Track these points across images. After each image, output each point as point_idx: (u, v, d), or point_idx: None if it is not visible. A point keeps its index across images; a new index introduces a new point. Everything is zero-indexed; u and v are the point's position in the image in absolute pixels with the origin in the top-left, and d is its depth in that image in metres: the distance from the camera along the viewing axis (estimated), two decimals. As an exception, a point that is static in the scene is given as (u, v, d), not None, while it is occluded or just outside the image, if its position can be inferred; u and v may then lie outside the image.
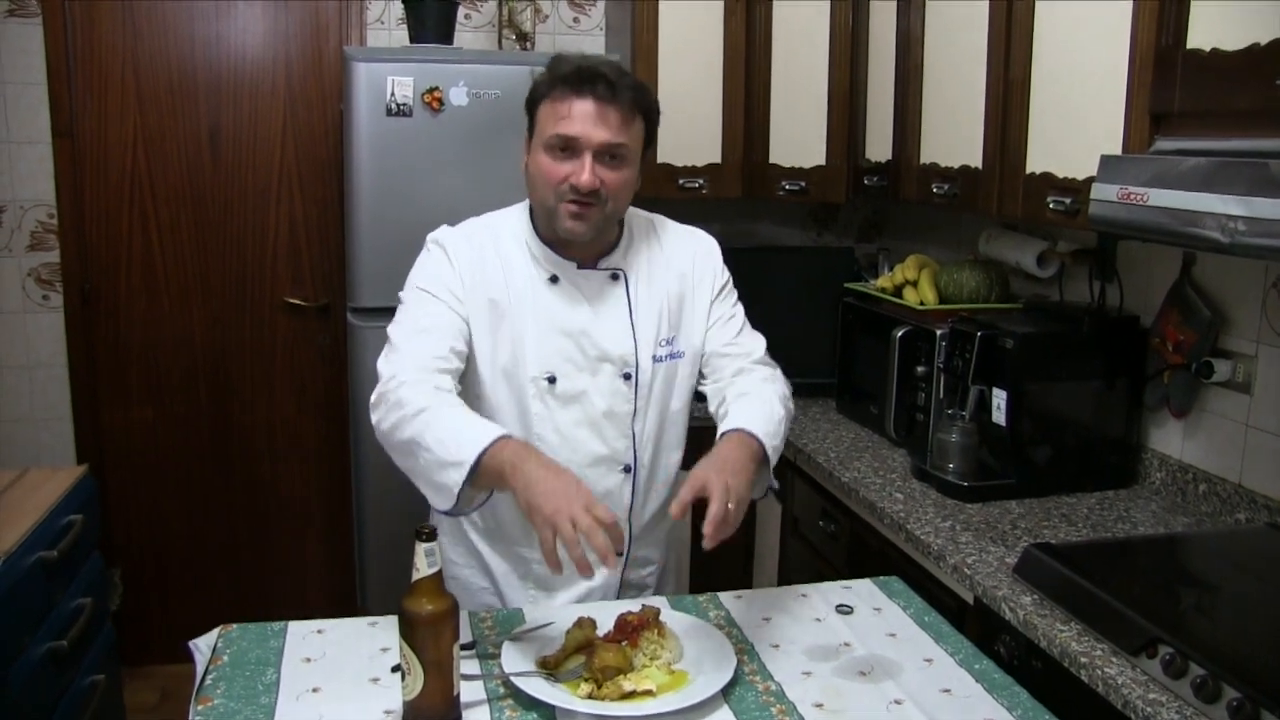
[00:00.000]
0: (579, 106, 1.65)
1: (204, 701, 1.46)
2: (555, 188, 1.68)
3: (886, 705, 1.48)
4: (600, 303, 1.78)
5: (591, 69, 1.66)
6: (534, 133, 1.73)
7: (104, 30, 3.16)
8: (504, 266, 1.78)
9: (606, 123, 1.66)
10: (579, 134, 1.65)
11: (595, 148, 1.66)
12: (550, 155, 1.68)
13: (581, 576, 1.49)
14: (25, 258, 3.22)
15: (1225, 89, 1.60)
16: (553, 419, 1.77)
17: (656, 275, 1.83)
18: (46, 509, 2.25)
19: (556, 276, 1.77)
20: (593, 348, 1.76)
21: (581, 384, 1.77)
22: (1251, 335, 2.06)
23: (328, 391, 3.44)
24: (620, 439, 1.81)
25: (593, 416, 1.78)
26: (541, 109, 1.70)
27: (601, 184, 1.67)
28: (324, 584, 3.55)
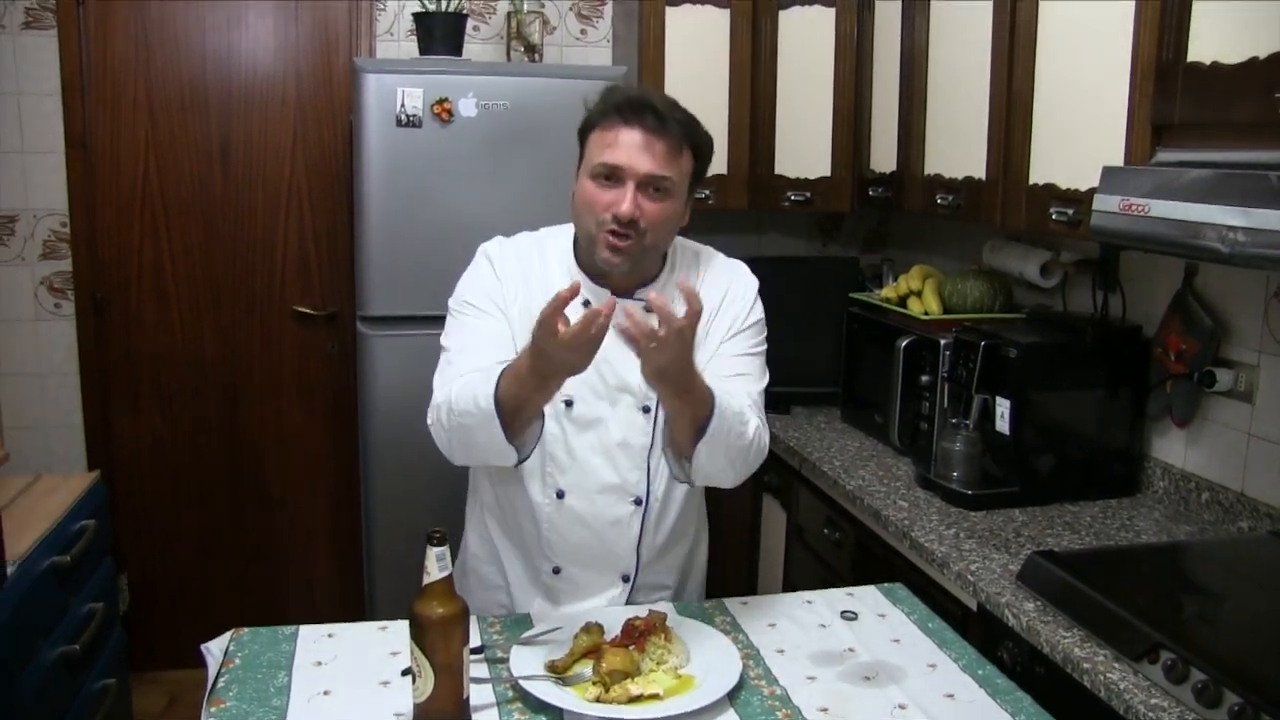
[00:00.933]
0: (626, 135, 1.66)
1: (217, 703, 1.48)
2: (597, 216, 1.69)
3: (890, 710, 1.49)
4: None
5: (641, 100, 1.68)
6: (582, 160, 1.74)
7: (117, 43, 3.20)
8: (546, 286, 1.77)
9: (652, 153, 1.66)
10: (623, 163, 1.66)
11: (639, 178, 1.66)
12: (595, 183, 1.69)
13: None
14: (38, 266, 3.25)
15: (1225, 101, 1.62)
16: (567, 441, 1.78)
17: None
18: (59, 514, 2.28)
19: (589, 302, 1.75)
20: (613, 376, 1.77)
21: (599, 411, 1.78)
22: (1253, 345, 2.08)
23: (336, 399, 3.47)
24: (634, 470, 1.81)
25: (607, 445, 1.79)
26: (591, 137, 1.72)
27: (641, 214, 1.67)
28: (332, 591, 3.57)
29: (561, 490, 1.80)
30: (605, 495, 1.81)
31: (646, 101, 1.68)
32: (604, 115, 1.70)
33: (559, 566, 1.85)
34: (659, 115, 1.66)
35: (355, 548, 3.34)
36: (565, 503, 1.80)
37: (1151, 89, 1.78)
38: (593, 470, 1.80)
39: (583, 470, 1.80)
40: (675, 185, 1.70)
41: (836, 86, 3.03)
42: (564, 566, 1.85)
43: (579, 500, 1.80)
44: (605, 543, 1.83)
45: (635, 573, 1.87)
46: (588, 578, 1.86)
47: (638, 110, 1.66)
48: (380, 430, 2.79)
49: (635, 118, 1.66)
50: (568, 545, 1.83)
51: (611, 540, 1.83)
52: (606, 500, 1.81)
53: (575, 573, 1.85)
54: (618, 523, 1.83)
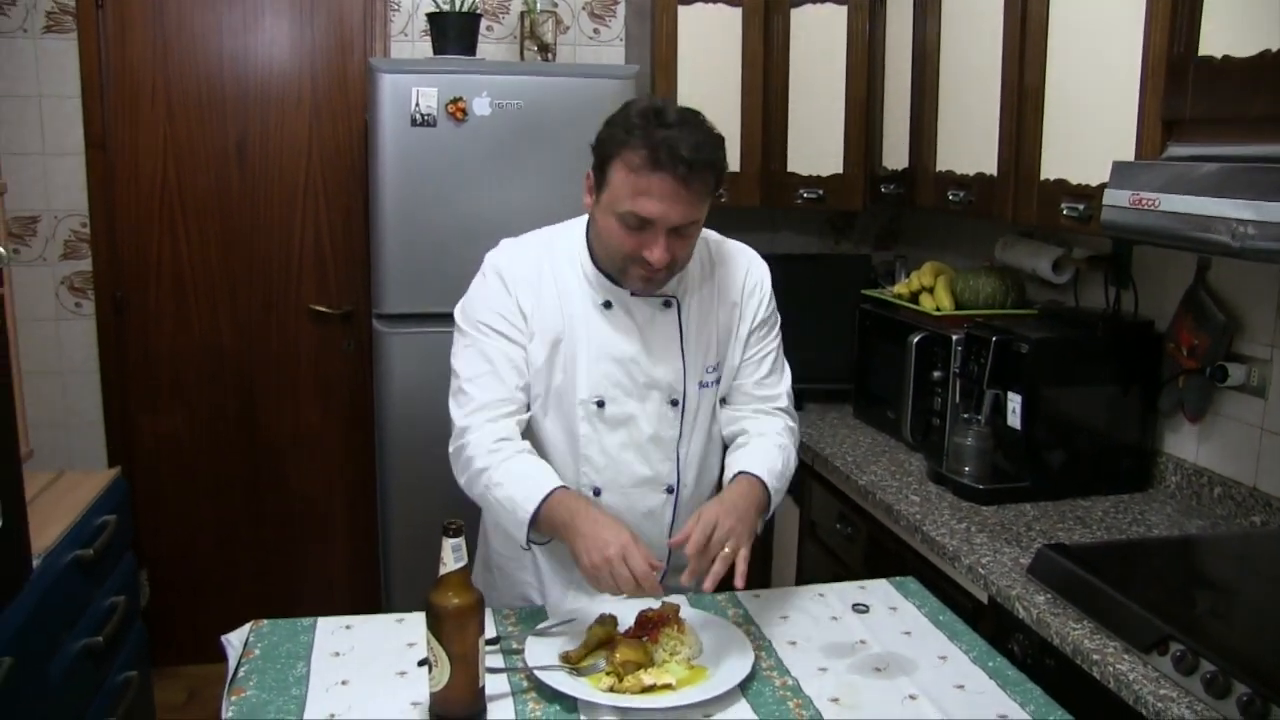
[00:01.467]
0: (657, 185, 1.59)
1: (237, 693, 1.50)
2: (626, 255, 1.68)
3: (901, 700, 1.51)
4: (652, 330, 1.80)
5: (673, 147, 1.57)
6: (604, 188, 1.67)
7: (136, 45, 3.24)
8: (559, 290, 1.79)
9: (684, 201, 1.61)
10: (656, 216, 1.61)
11: (670, 226, 1.63)
12: (622, 225, 1.65)
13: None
14: (59, 266, 3.29)
15: (1236, 96, 1.62)
16: (600, 441, 1.80)
17: (708, 301, 1.84)
18: (82, 509, 2.31)
19: (610, 302, 1.79)
20: (642, 375, 1.79)
21: (630, 409, 1.80)
22: (1266, 340, 2.08)
23: (352, 396, 3.50)
24: (665, 462, 1.84)
25: (639, 440, 1.82)
26: (616, 172, 1.63)
27: (674, 259, 1.67)
28: (348, 586, 3.60)
29: (598, 488, 1.83)
30: (639, 488, 1.84)
31: (676, 151, 1.57)
32: (630, 149, 1.61)
33: None
34: (690, 164, 1.58)
35: (372, 543, 3.37)
36: (601, 499, 1.83)
37: (1162, 83, 1.79)
38: (626, 465, 1.83)
39: (616, 467, 1.82)
40: (703, 217, 1.70)
41: (848, 84, 3.04)
42: None
43: (614, 496, 1.83)
44: (639, 533, 1.83)
45: (668, 560, 1.89)
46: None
47: (670, 161, 1.58)
48: (396, 426, 2.81)
49: (666, 165, 1.58)
50: None
51: (645, 530, 1.85)
52: (640, 493, 1.85)
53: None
54: (651, 513, 1.86)
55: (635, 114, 1.63)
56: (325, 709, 1.45)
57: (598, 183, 1.69)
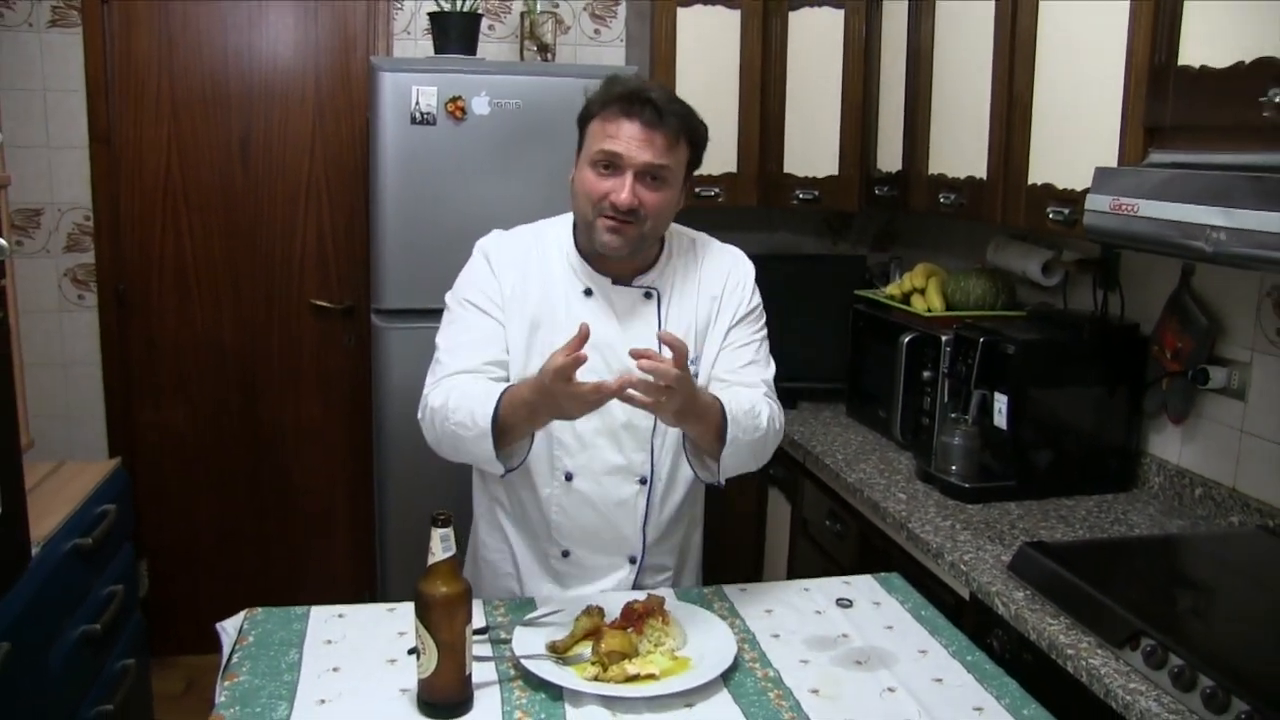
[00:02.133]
0: (626, 128, 1.72)
1: (231, 678, 1.54)
2: (595, 203, 1.75)
3: (880, 693, 1.54)
4: (631, 319, 1.84)
5: (641, 92, 1.73)
6: (582, 148, 1.80)
7: (140, 40, 3.27)
8: (544, 276, 1.86)
9: (651, 145, 1.72)
10: (623, 152, 1.72)
11: (638, 168, 1.72)
12: (594, 171, 1.75)
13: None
14: (62, 258, 3.33)
15: (1213, 105, 1.66)
16: (573, 425, 1.83)
17: (689, 296, 1.89)
18: (81, 499, 2.34)
19: (590, 290, 1.84)
20: (617, 362, 1.81)
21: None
22: (1246, 343, 2.11)
23: (352, 391, 3.53)
24: (638, 451, 1.87)
25: (612, 427, 1.85)
26: (591, 126, 1.77)
27: (640, 204, 1.73)
28: (346, 579, 3.64)
29: (570, 473, 1.86)
30: (611, 476, 1.87)
31: (645, 94, 1.72)
32: (604, 106, 1.75)
33: (568, 550, 1.91)
34: (657, 109, 1.71)
35: (370, 537, 3.40)
36: (573, 485, 1.86)
37: (1144, 91, 1.82)
38: (599, 451, 1.86)
39: (589, 453, 1.86)
40: (672, 174, 1.77)
41: (844, 86, 3.07)
42: (572, 549, 1.91)
43: (586, 482, 1.86)
44: (612, 524, 1.90)
45: (642, 554, 1.93)
46: (596, 560, 1.92)
47: (637, 103, 1.71)
48: (394, 421, 2.85)
49: (635, 110, 1.71)
50: (576, 527, 1.89)
51: (618, 521, 1.89)
52: (613, 481, 1.87)
53: (584, 555, 1.92)
54: (623, 503, 1.89)
55: (618, 84, 1.77)
56: (316, 694, 1.49)
57: (579, 147, 1.81)
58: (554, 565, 1.93)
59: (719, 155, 3.23)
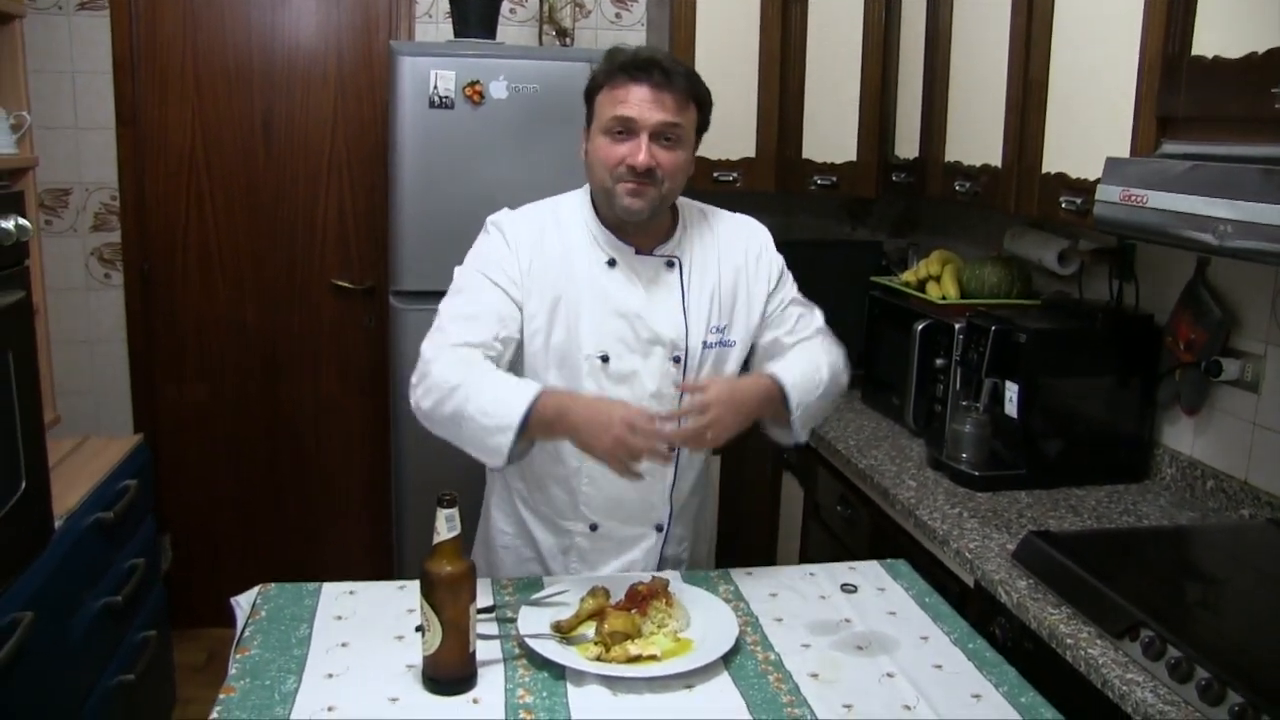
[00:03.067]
0: (636, 92, 1.74)
1: (242, 651, 1.58)
2: (613, 169, 1.77)
3: (879, 678, 1.55)
4: (655, 287, 1.86)
5: (647, 57, 1.75)
6: (592, 120, 1.82)
7: (166, 22, 3.31)
8: (564, 248, 1.86)
9: (662, 105, 1.74)
10: (636, 115, 1.74)
11: (652, 128, 1.75)
12: (609, 138, 1.77)
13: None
14: (89, 238, 3.38)
15: (1225, 96, 1.65)
16: (604, 395, 1.84)
17: (710, 264, 1.91)
18: (104, 474, 2.40)
19: (614, 260, 1.86)
20: (645, 330, 1.84)
21: (633, 364, 1.85)
22: (1260, 336, 2.10)
23: (372, 371, 3.57)
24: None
25: (641, 397, 1.86)
26: (600, 97, 1.80)
27: (658, 164, 1.76)
28: (363, 556, 3.69)
29: None
30: None
31: (652, 58, 1.75)
32: (610, 75, 1.77)
33: (596, 523, 1.92)
34: (665, 70, 1.74)
35: (386, 513, 3.44)
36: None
37: (1157, 81, 1.81)
38: None
39: None
40: (685, 133, 1.80)
41: (863, 72, 3.06)
42: (601, 522, 1.93)
43: None
44: (641, 493, 1.91)
45: (669, 521, 1.96)
46: (624, 532, 1.95)
47: (644, 67, 1.74)
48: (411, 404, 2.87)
49: (643, 74, 1.74)
50: (604, 500, 1.91)
51: (646, 490, 1.90)
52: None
53: (612, 527, 1.93)
54: (652, 471, 1.88)
55: (621, 54, 1.79)
56: (324, 669, 1.52)
57: (588, 120, 1.83)
58: (579, 543, 1.94)
59: (737, 139, 3.23)
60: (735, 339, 1.93)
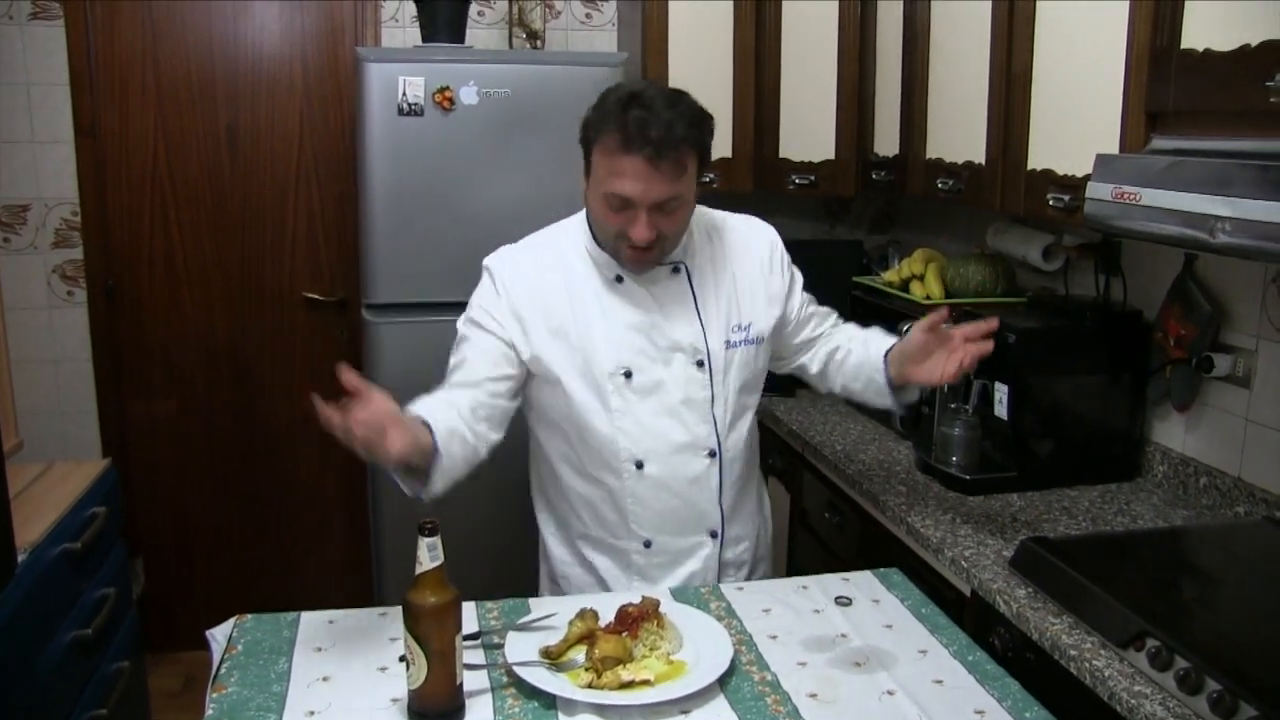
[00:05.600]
0: (630, 166, 1.65)
1: (219, 689, 1.51)
2: (614, 234, 1.74)
3: (879, 696, 1.51)
4: (665, 295, 1.84)
5: (642, 125, 1.62)
6: (590, 172, 1.75)
7: (124, 31, 3.22)
8: (566, 276, 1.84)
9: (659, 179, 1.66)
10: (632, 195, 1.67)
11: (650, 205, 1.68)
12: (607, 205, 1.71)
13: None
14: (50, 255, 3.29)
15: (1217, 89, 1.61)
16: (633, 412, 1.82)
17: (719, 264, 1.89)
18: (70, 502, 2.31)
19: (621, 276, 1.83)
20: (663, 339, 1.82)
21: (657, 375, 1.82)
22: (1251, 330, 2.08)
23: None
24: (701, 424, 1.86)
25: (671, 405, 1.84)
26: (595, 154, 1.71)
27: (657, 233, 1.71)
28: (342, 573, 3.62)
29: (640, 460, 1.84)
30: (680, 455, 1.86)
31: (647, 131, 1.63)
32: (604, 133, 1.68)
33: (649, 539, 1.90)
34: (658, 143, 1.63)
35: (365, 530, 3.38)
36: (645, 471, 1.85)
37: (1146, 76, 1.77)
38: (663, 432, 1.84)
39: (654, 435, 1.84)
40: (686, 194, 1.73)
41: (840, 69, 3.02)
42: (654, 538, 1.90)
43: (657, 465, 1.85)
44: (689, 502, 1.89)
45: (722, 527, 1.93)
46: (678, 544, 1.92)
47: (640, 140, 1.63)
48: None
49: (637, 148, 1.64)
50: (653, 514, 1.88)
51: (695, 498, 1.89)
52: (682, 459, 1.86)
53: (665, 541, 1.91)
54: (697, 479, 1.88)
55: (613, 100, 1.69)
56: (305, 706, 1.46)
57: (586, 168, 1.77)
58: (636, 560, 1.91)
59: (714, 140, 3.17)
60: (762, 334, 1.91)
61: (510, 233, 1.95)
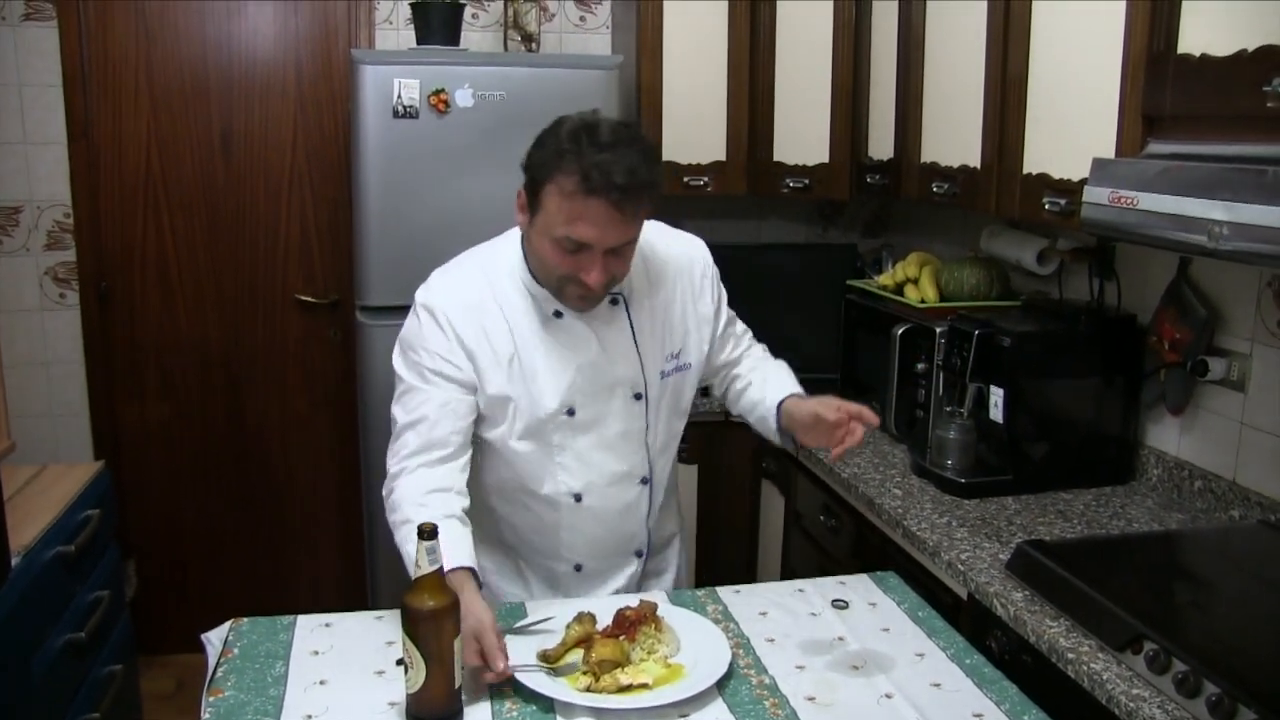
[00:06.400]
0: (592, 210, 1.54)
1: (215, 693, 1.51)
2: (562, 276, 1.64)
3: (877, 699, 1.51)
4: (605, 330, 1.77)
5: (605, 173, 1.52)
6: (538, 210, 1.61)
7: (117, 33, 3.21)
8: (504, 312, 1.74)
9: (620, 224, 1.57)
10: (593, 240, 1.57)
11: (608, 248, 1.59)
12: (558, 248, 1.60)
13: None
14: (42, 257, 3.27)
15: (1214, 94, 1.62)
16: (574, 446, 1.80)
17: (654, 291, 1.82)
18: (64, 505, 2.30)
19: (560, 311, 1.74)
20: (603, 376, 1.78)
21: (598, 410, 1.79)
22: (1246, 334, 2.08)
23: (339, 387, 3.49)
24: (635, 454, 1.85)
25: (609, 439, 1.81)
26: (549, 196, 1.57)
27: (611, 275, 1.64)
28: (336, 575, 3.61)
29: (578, 494, 1.83)
30: (615, 485, 1.85)
31: (610, 175, 1.52)
32: (562, 174, 1.55)
33: (580, 564, 1.90)
34: (624, 189, 1.53)
35: (358, 531, 3.37)
36: (583, 504, 1.83)
37: (1143, 80, 1.78)
38: (599, 464, 1.82)
39: (592, 468, 1.82)
40: (638, 234, 1.66)
41: (834, 73, 3.02)
42: (584, 563, 1.90)
43: (593, 497, 1.84)
44: (620, 528, 1.89)
45: (648, 545, 1.94)
46: (607, 564, 1.92)
47: (604, 187, 1.52)
48: (380, 419, 2.76)
49: (601, 193, 1.53)
50: (586, 542, 1.88)
51: (625, 524, 1.89)
52: (617, 490, 1.85)
53: (595, 565, 1.91)
54: (629, 506, 1.87)
55: (566, 135, 1.56)
56: (302, 710, 1.46)
57: (530, 204, 1.63)
58: (564, 580, 1.92)
59: (708, 144, 3.19)
60: (690, 361, 1.88)
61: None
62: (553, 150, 1.57)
